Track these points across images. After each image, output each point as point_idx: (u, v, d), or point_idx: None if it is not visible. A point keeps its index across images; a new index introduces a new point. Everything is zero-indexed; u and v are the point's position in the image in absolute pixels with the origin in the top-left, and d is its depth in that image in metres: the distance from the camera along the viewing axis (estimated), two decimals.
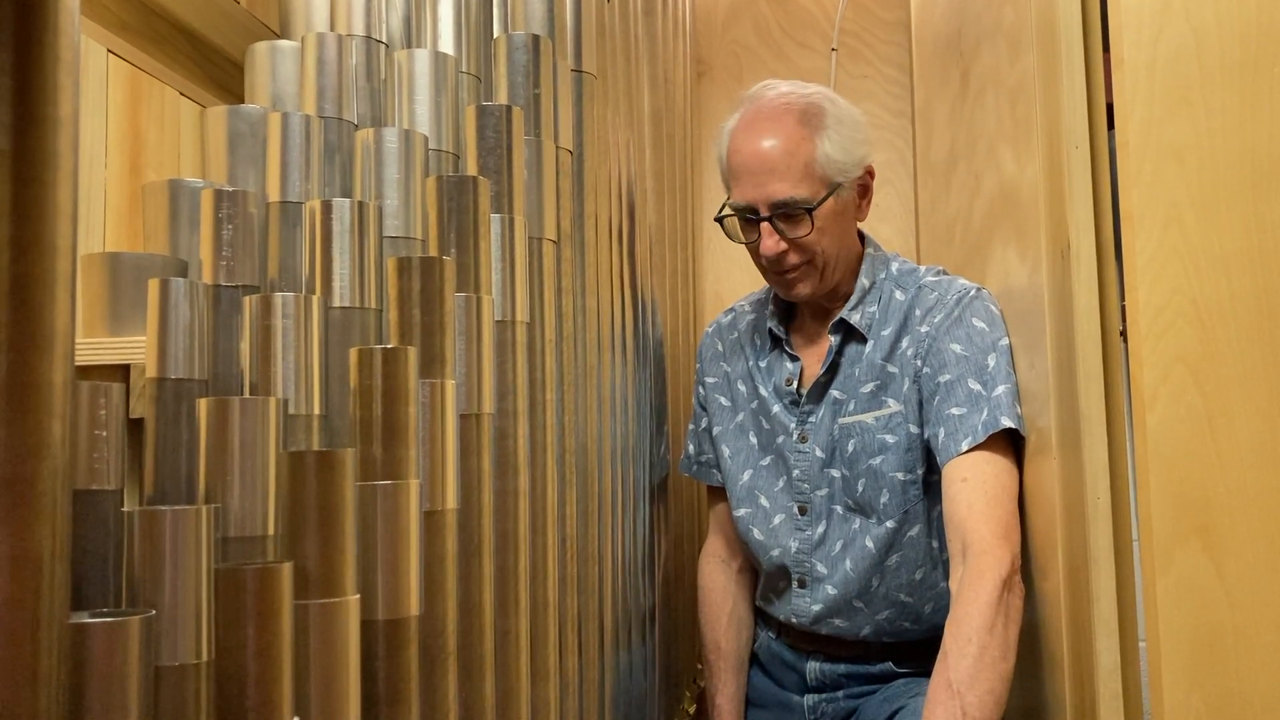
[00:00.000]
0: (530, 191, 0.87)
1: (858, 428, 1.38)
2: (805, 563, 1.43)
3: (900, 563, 1.37)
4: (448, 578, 0.63)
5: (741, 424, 1.52)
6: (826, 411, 1.41)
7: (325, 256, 0.79)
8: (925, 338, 1.35)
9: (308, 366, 0.72)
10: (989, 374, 1.30)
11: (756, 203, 1.36)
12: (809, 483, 1.43)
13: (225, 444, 0.63)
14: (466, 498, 0.68)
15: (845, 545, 1.41)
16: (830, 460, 1.41)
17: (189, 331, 0.72)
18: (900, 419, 1.36)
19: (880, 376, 1.38)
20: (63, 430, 0.46)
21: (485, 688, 0.68)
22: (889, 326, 1.39)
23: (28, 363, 0.45)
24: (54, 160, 0.47)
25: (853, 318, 1.40)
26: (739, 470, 1.51)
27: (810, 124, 1.35)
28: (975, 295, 1.37)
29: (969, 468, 1.27)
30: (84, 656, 0.50)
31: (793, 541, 1.44)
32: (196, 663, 0.57)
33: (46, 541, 0.45)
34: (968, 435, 1.28)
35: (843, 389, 1.40)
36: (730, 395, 1.54)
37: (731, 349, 1.56)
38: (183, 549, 0.56)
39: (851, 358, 1.41)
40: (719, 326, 1.61)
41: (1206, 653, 0.96)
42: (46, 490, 0.45)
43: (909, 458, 1.35)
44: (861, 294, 1.41)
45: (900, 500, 1.36)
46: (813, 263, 1.37)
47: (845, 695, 1.45)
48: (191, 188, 0.90)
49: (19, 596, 0.44)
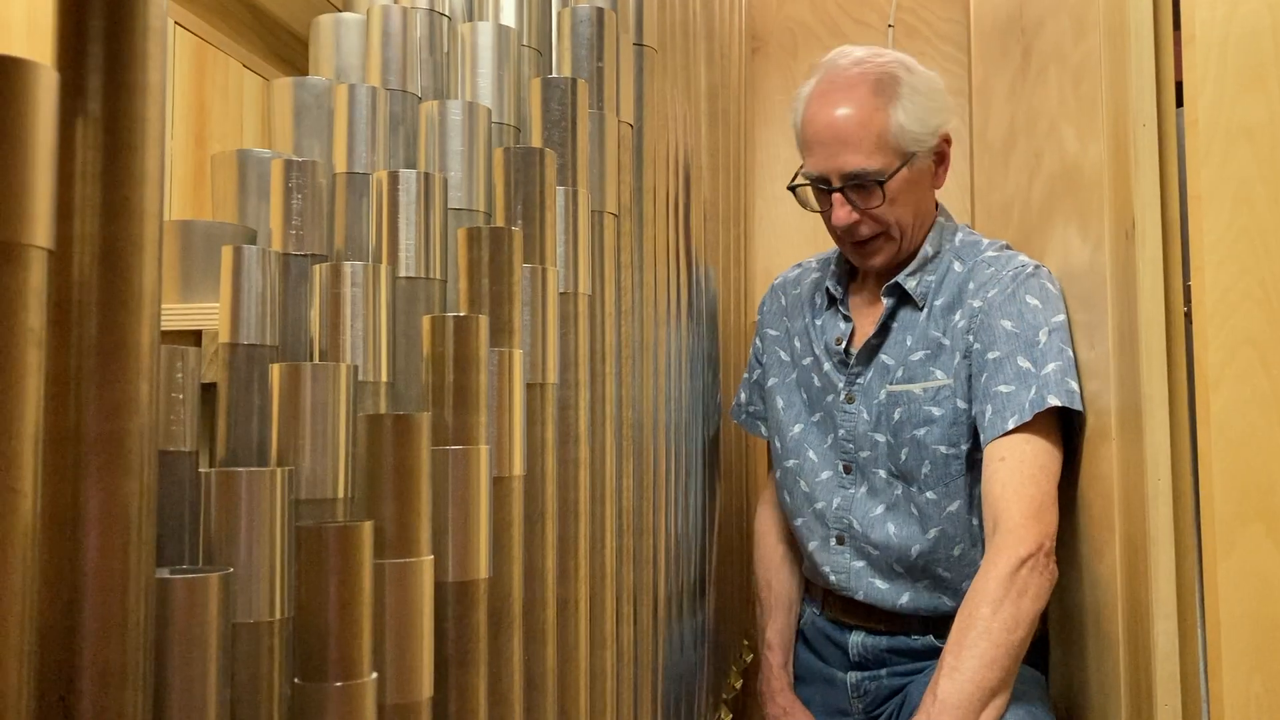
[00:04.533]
0: (593, 164, 0.87)
1: (905, 397, 1.38)
2: (845, 519, 1.44)
3: (939, 537, 1.37)
4: (513, 543, 0.63)
5: (796, 379, 1.53)
6: (875, 375, 1.41)
7: (391, 227, 0.80)
8: (978, 312, 1.34)
9: (376, 334, 0.73)
10: (1039, 350, 1.29)
11: (828, 173, 1.36)
12: (854, 443, 1.43)
13: (297, 408, 0.64)
14: (531, 466, 0.68)
15: (888, 508, 1.41)
16: (875, 424, 1.41)
17: (260, 298, 0.73)
18: (948, 392, 1.35)
19: (930, 346, 1.38)
20: (150, 390, 0.47)
21: (547, 653, 0.69)
22: (943, 297, 1.39)
23: (117, 323, 0.46)
24: (142, 126, 0.48)
25: (908, 283, 1.39)
26: (790, 422, 1.52)
27: (884, 93, 1.34)
28: (1032, 272, 1.35)
29: (1009, 447, 1.26)
30: (166, 612, 0.51)
31: (836, 498, 1.45)
32: (270, 620, 0.58)
33: (135, 498, 0.46)
34: (1014, 413, 1.27)
35: (892, 354, 1.40)
36: (789, 350, 1.55)
37: (793, 304, 1.57)
38: (258, 510, 0.58)
39: (904, 323, 1.41)
40: (784, 281, 1.62)
41: (1268, 636, 0.95)
42: (135, 448, 0.46)
43: (954, 432, 1.35)
44: (923, 261, 1.40)
45: (941, 473, 1.36)
46: (888, 234, 1.37)
47: (889, 673, 1.45)
48: (259, 158, 0.91)
49: (110, 551, 0.46)
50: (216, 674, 0.53)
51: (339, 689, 0.43)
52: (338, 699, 0.43)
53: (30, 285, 0.41)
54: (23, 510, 0.40)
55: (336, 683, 0.43)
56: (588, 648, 0.78)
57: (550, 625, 0.69)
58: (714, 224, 1.63)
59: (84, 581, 0.45)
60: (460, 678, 0.56)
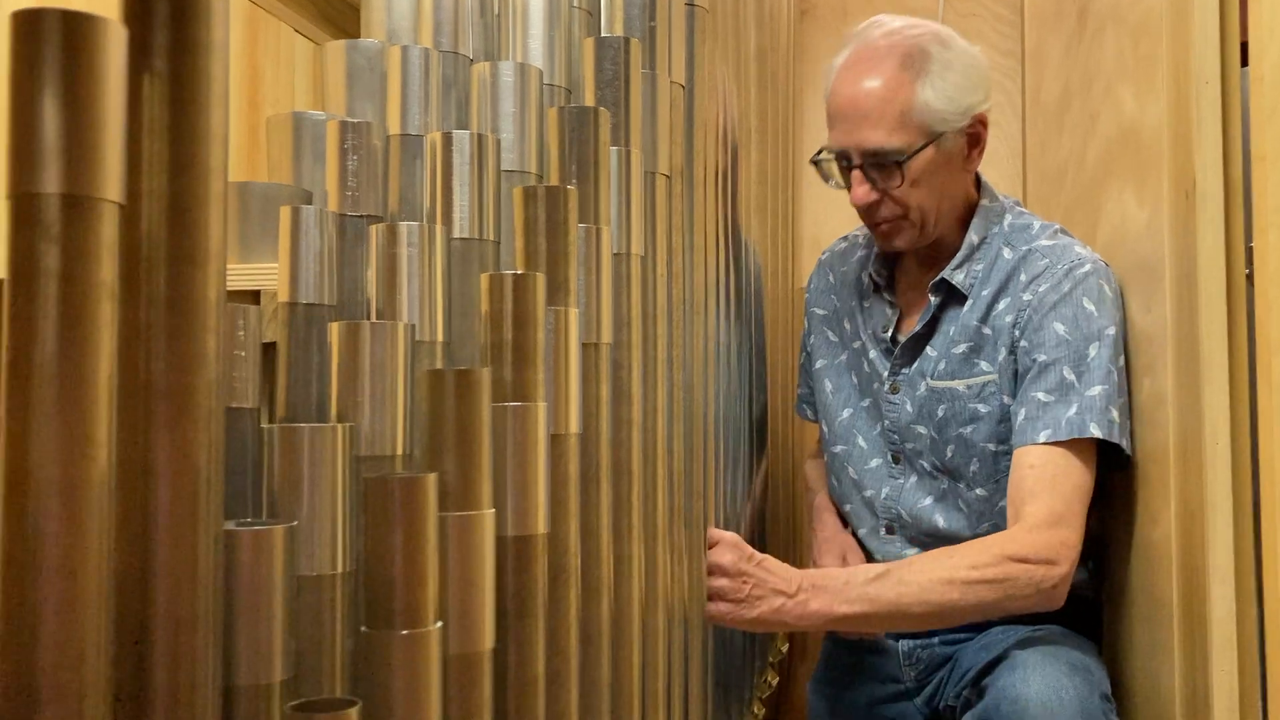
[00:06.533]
0: (645, 125, 0.87)
1: (948, 394, 1.35)
2: (894, 509, 1.42)
3: (991, 531, 1.34)
4: (570, 500, 0.64)
5: (846, 362, 1.50)
6: (919, 367, 1.38)
7: (446, 188, 0.80)
8: (1026, 307, 1.29)
9: (431, 294, 0.73)
10: (1086, 365, 1.24)
11: (849, 149, 1.31)
12: (899, 434, 1.41)
13: (356, 366, 0.65)
14: (585, 425, 0.69)
15: (937, 500, 1.39)
16: (919, 418, 1.38)
17: (318, 258, 0.74)
18: (994, 388, 1.31)
19: (974, 338, 1.33)
20: (217, 344, 0.48)
21: (602, 609, 0.70)
22: (990, 286, 1.33)
23: (185, 278, 0.47)
24: (207, 83, 0.48)
25: (955, 278, 1.35)
26: (839, 407, 1.49)
27: (912, 68, 1.29)
28: (1090, 271, 1.28)
29: (1041, 456, 1.23)
30: (231, 563, 0.52)
31: (885, 487, 1.43)
32: (333, 573, 0.59)
33: (204, 451, 0.47)
34: (1048, 427, 1.23)
35: (936, 347, 1.37)
36: (838, 331, 1.52)
37: (841, 282, 1.53)
38: (320, 465, 0.58)
39: (950, 317, 1.37)
40: (832, 255, 1.57)
41: None
42: (203, 402, 0.47)
43: (1002, 429, 1.31)
44: (969, 251, 1.35)
45: (990, 470, 1.33)
46: (907, 217, 1.32)
47: (940, 641, 1.45)
48: (314, 120, 0.92)
49: (180, 502, 0.46)
50: (281, 625, 0.54)
51: (405, 637, 0.44)
52: (404, 647, 0.44)
53: (103, 239, 0.42)
54: (99, 461, 0.41)
55: (403, 631, 0.44)
56: (641, 606, 0.79)
57: (606, 582, 0.70)
58: (762, 189, 1.62)
59: (155, 532, 0.46)
60: (519, 630, 0.56)
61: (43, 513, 0.40)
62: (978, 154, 1.35)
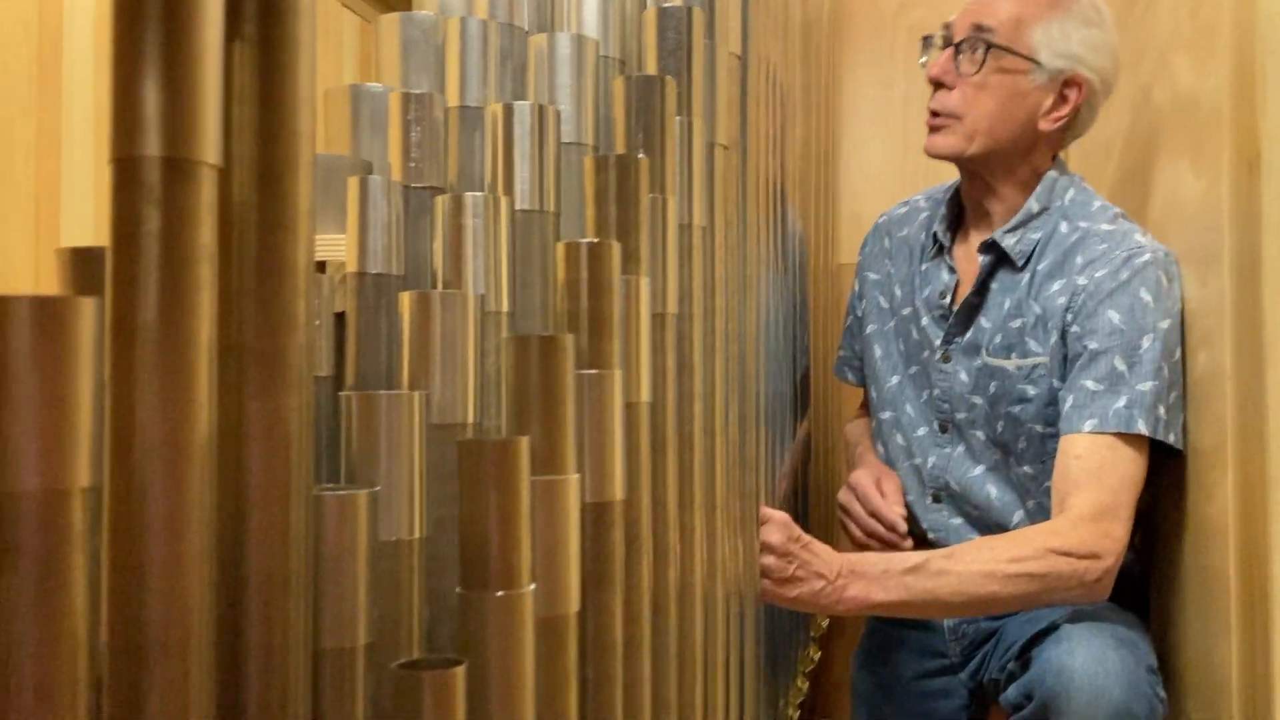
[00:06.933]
0: (706, 95, 0.86)
1: (1000, 372, 1.34)
2: (942, 478, 1.42)
3: (1037, 509, 1.34)
4: (642, 468, 0.64)
5: (895, 328, 1.49)
6: (974, 337, 1.37)
7: (507, 160, 0.80)
8: (1081, 291, 1.27)
9: (497, 265, 0.73)
10: (1138, 357, 1.23)
11: (958, 24, 1.33)
12: (950, 403, 1.40)
13: (427, 335, 0.65)
14: (654, 394, 0.69)
15: (987, 470, 1.38)
16: (974, 389, 1.37)
17: (386, 228, 0.74)
18: (1044, 371, 1.30)
19: (1028, 315, 1.32)
20: (306, 308, 0.48)
21: (669, 576, 0.70)
22: (1046, 261, 1.32)
23: (275, 243, 0.47)
24: (295, 48, 0.48)
25: (1006, 241, 1.34)
26: (887, 373, 1.49)
27: (1061, 4, 1.31)
28: (1149, 261, 1.26)
29: (1087, 447, 1.22)
30: (318, 528, 0.53)
31: (932, 456, 1.43)
32: (409, 539, 0.60)
33: (294, 413, 0.47)
34: (1094, 417, 1.22)
35: (990, 318, 1.36)
36: (889, 297, 1.51)
37: (897, 247, 1.52)
38: (397, 432, 0.59)
39: (1003, 285, 1.36)
40: (889, 220, 1.56)
41: None
42: (294, 364, 0.47)
43: (1050, 411, 1.30)
44: (1026, 218, 1.34)
45: (1038, 450, 1.32)
46: (963, 121, 1.32)
47: (987, 616, 1.44)
48: (372, 93, 0.92)
49: (273, 465, 0.47)
50: (366, 589, 0.54)
51: (500, 598, 0.44)
52: (499, 608, 0.44)
53: (202, 201, 0.42)
54: (200, 422, 0.42)
55: (498, 592, 0.44)
56: (704, 574, 0.79)
57: (673, 550, 0.70)
58: (805, 164, 1.62)
59: (249, 493, 0.46)
60: (598, 596, 0.57)
61: (148, 473, 0.40)
62: (1057, 117, 1.33)
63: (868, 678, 1.52)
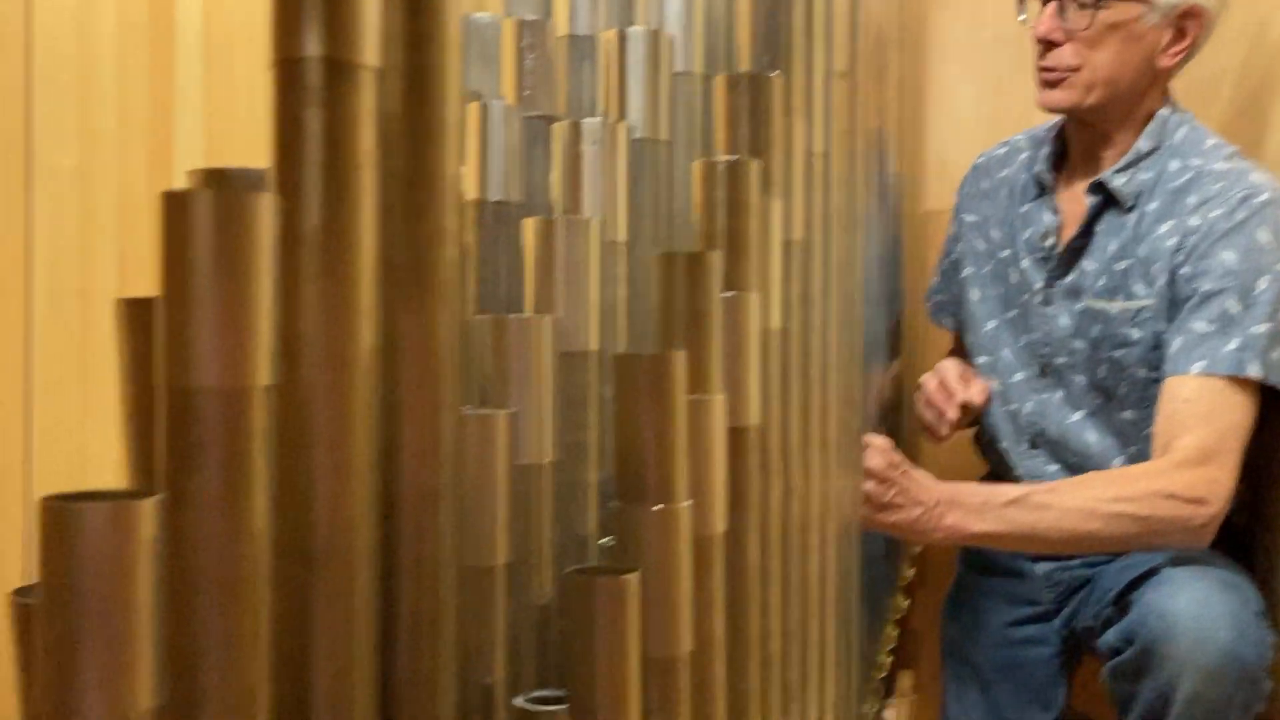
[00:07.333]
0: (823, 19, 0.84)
1: (1102, 315, 1.30)
2: (1038, 425, 1.39)
3: (1138, 456, 1.30)
4: (773, 395, 0.63)
5: (993, 271, 1.46)
6: (1075, 281, 1.34)
7: (621, 88, 0.79)
8: (1194, 232, 1.23)
9: (615, 192, 0.72)
10: (1253, 299, 1.19)
11: None
12: (1050, 347, 1.38)
13: (551, 262, 0.64)
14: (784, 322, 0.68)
15: (1088, 416, 1.36)
16: (1076, 333, 1.34)
17: (505, 155, 0.73)
18: (1150, 314, 1.27)
19: (1134, 257, 1.29)
20: (456, 221, 0.48)
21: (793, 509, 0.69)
22: (1156, 201, 1.28)
23: (426, 154, 0.47)
24: None
25: (1115, 182, 1.30)
26: (984, 317, 1.46)
27: None
28: (1268, 201, 1.22)
29: (1195, 390, 1.18)
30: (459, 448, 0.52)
31: (1029, 401, 1.40)
32: (540, 463, 0.59)
33: (446, 328, 0.47)
34: (1204, 358, 1.18)
35: (1094, 260, 1.32)
36: (986, 239, 1.48)
37: (996, 188, 1.48)
38: (528, 355, 0.58)
39: (1110, 227, 1.32)
40: (989, 160, 1.53)
41: None
42: (446, 278, 0.47)
43: (1154, 356, 1.27)
44: (1136, 158, 1.30)
45: (1140, 396, 1.29)
46: (1080, 73, 1.27)
47: (1081, 563, 1.42)
48: (479, 23, 0.91)
49: (423, 381, 0.46)
50: (505, 510, 0.54)
51: (657, 513, 0.43)
52: (655, 523, 0.43)
53: (364, 105, 0.41)
54: (363, 333, 0.41)
55: (654, 506, 0.43)
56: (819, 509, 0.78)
57: (798, 483, 0.69)
58: (899, 108, 1.58)
59: (402, 408, 0.46)
60: (734, 521, 0.56)
61: (313, 382, 0.40)
62: (1177, 53, 1.29)
63: (957, 626, 1.51)
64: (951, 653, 1.50)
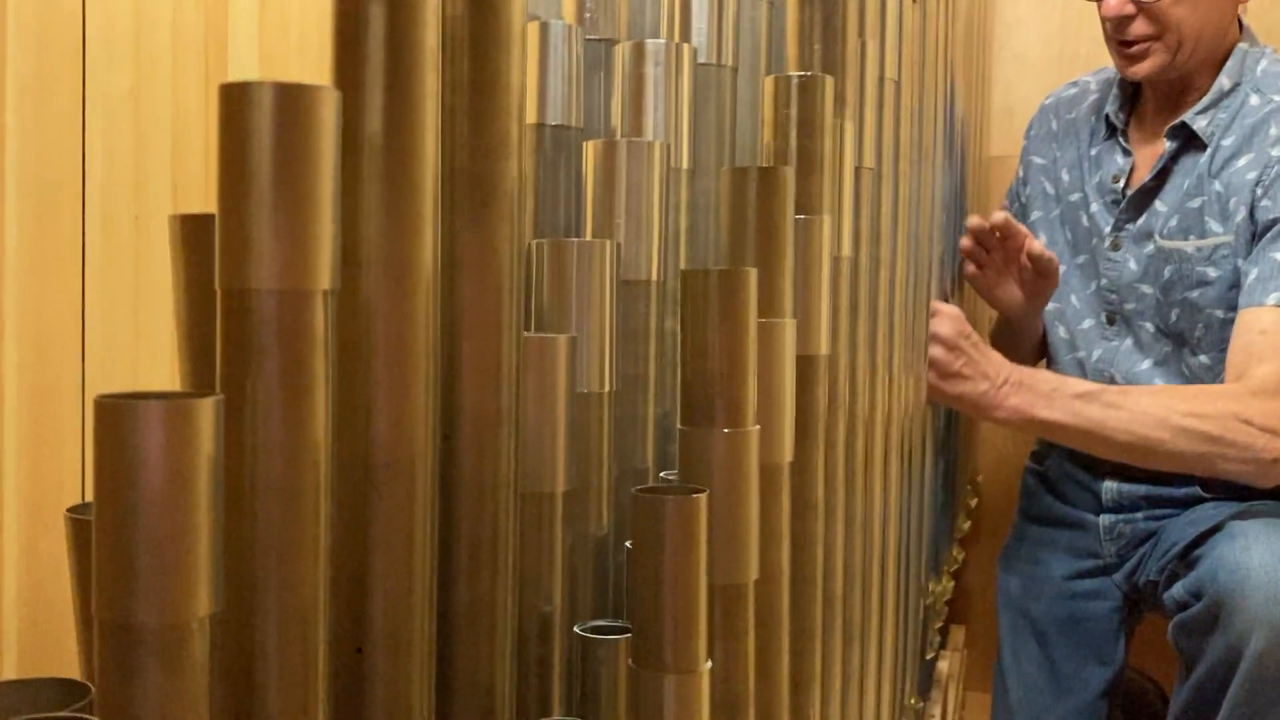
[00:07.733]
0: None
1: (1176, 255, 1.26)
2: (1106, 371, 1.36)
3: None
4: (842, 326, 0.61)
5: (1061, 216, 1.42)
6: (1146, 222, 1.30)
7: (684, 10, 0.76)
8: (1275, 163, 1.19)
9: (678, 116, 0.70)
10: None
11: None
12: (1118, 294, 1.33)
13: (612, 186, 0.62)
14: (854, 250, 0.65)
15: (1155, 364, 1.32)
16: (1143, 276, 1.30)
17: (566, 78, 0.71)
18: (1227, 251, 1.22)
19: (1209, 194, 1.24)
20: (519, 130, 0.46)
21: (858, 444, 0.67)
22: (1232, 136, 1.24)
23: (489, 60, 0.45)
24: None
25: (1197, 123, 1.25)
26: None
27: None
28: None
29: (1273, 321, 1.14)
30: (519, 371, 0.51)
31: (1097, 349, 1.37)
32: (600, 391, 0.58)
33: (507, 244, 0.45)
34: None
35: (1167, 201, 1.28)
36: (1054, 182, 1.44)
37: (1065, 130, 1.44)
38: (588, 280, 0.57)
39: (1185, 168, 1.27)
40: (1057, 101, 1.48)
41: None
42: (508, 191, 0.45)
43: (1232, 295, 1.22)
44: (1218, 96, 1.25)
45: (1216, 338, 1.25)
46: (1163, 39, 1.23)
47: (1145, 517, 1.39)
48: None
49: (484, 298, 0.45)
50: (564, 436, 0.53)
51: (727, 435, 0.41)
52: (724, 446, 0.42)
53: (428, 3, 0.39)
54: (425, 241, 0.40)
55: (724, 429, 0.41)
56: (883, 449, 0.76)
57: (863, 415, 0.67)
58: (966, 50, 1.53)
59: (463, 326, 0.45)
60: (800, 451, 0.54)
61: (374, 290, 0.39)
62: None
63: (1015, 579, 1.48)
64: (1008, 605, 1.48)
